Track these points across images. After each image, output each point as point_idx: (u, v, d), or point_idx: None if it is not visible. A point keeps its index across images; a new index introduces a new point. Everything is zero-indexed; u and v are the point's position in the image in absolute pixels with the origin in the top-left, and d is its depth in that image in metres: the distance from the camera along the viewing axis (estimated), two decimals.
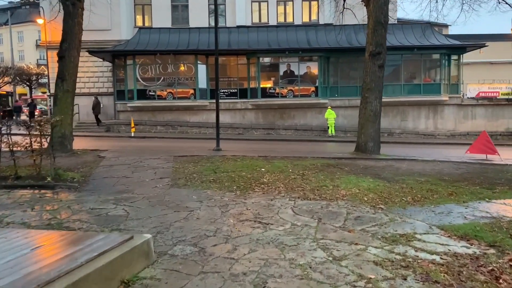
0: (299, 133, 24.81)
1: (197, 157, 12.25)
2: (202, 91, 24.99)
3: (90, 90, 28.50)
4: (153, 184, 8.90)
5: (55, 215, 6.40)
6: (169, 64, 24.92)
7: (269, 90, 25.03)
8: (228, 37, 25.80)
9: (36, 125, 8.85)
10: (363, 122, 13.68)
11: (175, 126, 24.68)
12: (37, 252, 3.83)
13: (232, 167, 10.69)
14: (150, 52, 24.41)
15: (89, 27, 28.09)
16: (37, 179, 8.86)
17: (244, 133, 24.51)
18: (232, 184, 8.72)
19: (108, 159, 11.90)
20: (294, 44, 25.36)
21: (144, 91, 24.71)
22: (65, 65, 13.21)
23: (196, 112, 25.19)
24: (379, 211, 6.39)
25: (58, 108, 13.19)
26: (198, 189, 8.36)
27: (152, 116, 25.04)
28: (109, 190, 8.36)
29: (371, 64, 13.53)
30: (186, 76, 25.13)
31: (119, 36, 27.43)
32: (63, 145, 13.07)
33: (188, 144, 17.95)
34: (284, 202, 7.04)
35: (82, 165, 11.10)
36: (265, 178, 9.28)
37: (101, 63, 28.15)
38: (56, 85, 13.41)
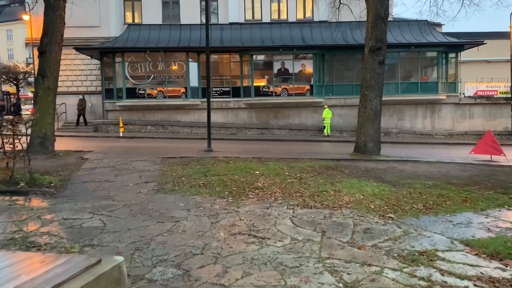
0: (294, 132, 24.10)
1: (186, 159, 11.48)
2: (193, 90, 24.18)
3: (78, 88, 27.57)
4: (137, 189, 8.12)
5: (21, 227, 5.61)
6: (159, 62, 24.08)
7: (263, 89, 24.29)
8: (220, 34, 25.03)
9: (7, 125, 8.01)
10: (363, 122, 12.98)
11: (166, 126, 23.86)
12: None
13: (224, 169, 9.94)
14: (140, 49, 23.56)
15: (76, 24, 27.25)
16: (9, 184, 8.05)
17: (237, 133, 23.75)
18: (224, 189, 7.96)
19: (91, 161, 11.08)
20: (288, 41, 24.64)
21: (134, 89, 23.85)
22: (45, 61, 12.36)
23: (188, 112, 24.39)
24: (389, 222, 5.68)
25: (38, 107, 12.35)
26: (186, 195, 7.59)
27: (142, 115, 24.20)
28: (87, 197, 7.56)
29: (371, 60, 12.83)
30: (177, 74, 24.31)
31: (108, 33, 26.53)
32: (44, 146, 12.23)
33: (178, 145, 17.15)
34: (282, 210, 6.30)
35: (62, 167, 10.27)
36: (259, 182, 8.54)
37: (89, 61, 27.24)
38: (36, 83, 12.56)
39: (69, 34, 27.22)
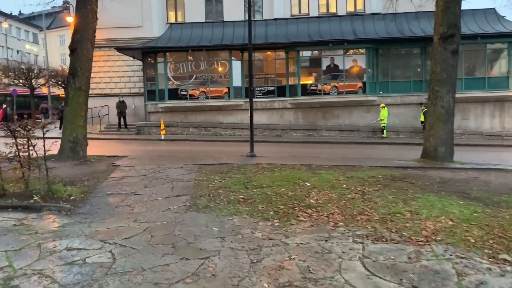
0: (345, 134, 22.21)
1: (226, 166, 10.11)
2: (236, 90, 22.93)
3: (121, 90, 27.15)
4: (166, 205, 6.82)
5: (12, 261, 4.42)
6: (201, 61, 23.04)
7: (310, 87, 22.59)
8: (265, 30, 23.62)
9: (20, 130, 6.97)
10: (432, 122, 11.04)
11: (208, 127, 22.76)
12: None
13: (268, 180, 8.46)
14: (182, 48, 22.61)
15: (119, 24, 26.90)
16: (24, 198, 7.01)
17: (282, 135, 22.22)
18: (268, 207, 6.48)
19: (122, 169, 9.99)
20: (338, 35, 22.79)
21: (176, 90, 22.96)
22: (77, 59, 11.47)
23: (230, 113, 23.16)
24: (507, 268, 3.95)
25: (69, 109, 11.48)
26: (222, 214, 6.19)
27: (184, 117, 23.25)
28: (106, 215, 6.35)
29: (442, 50, 10.88)
30: (220, 74, 23.14)
31: (151, 33, 25.82)
32: (75, 152, 11.33)
33: (219, 148, 15.90)
34: (347, 245, 4.72)
35: (89, 176, 9.22)
36: (312, 198, 6.98)
37: (132, 62, 26.73)
38: (67, 83, 11.71)
39: (111, 35, 27.01)
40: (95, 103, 25.96)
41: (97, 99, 26.37)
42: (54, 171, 9.81)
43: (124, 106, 23.40)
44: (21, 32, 56.42)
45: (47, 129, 7.55)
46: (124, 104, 23.43)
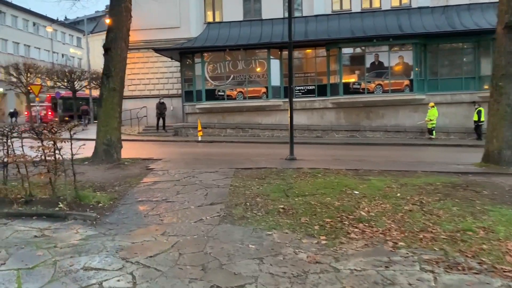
0: (390, 135, 20.95)
1: (264, 171, 9.38)
2: (275, 90, 22.19)
3: (160, 92, 27.11)
4: (198, 215, 6.17)
5: (22, 282, 3.89)
6: (239, 61, 22.47)
7: (353, 86, 21.47)
8: (305, 27, 22.71)
9: (46, 132, 6.54)
10: (496, 122, 9.81)
11: (246, 128, 22.14)
12: None
13: (311, 187, 7.66)
14: (219, 48, 22.13)
15: (157, 25, 26.84)
16: (49, 205, 6.58)
17: (323, 136, 21.25)
18: (313, 220, 5.68)
19: (155, 173, 9.48)
20: (382, 31, 21.54)
21: (213, 91, 22.52)
22: (111, 59, 11.13)
23: (269, 113, 22.44)
24: None
25: (103, 110, 11.15)
26: (260, 228, 5.46)
27: (222, 118, 22.76)
28: (133, 226, 5.78)
29: (506, 41, 9.64)
30: (258, 73, 22.48)
31: (189, 34, 25.55)
32: (109, 154, 10.98)
33: (257, 150, 15.20)
34: (413, 274, 3.85)
35: (121, 180, 8.77)
36: (362, 210, 6.12)
37: (170, 63, 26.64)
38: (101, 83, 11.40)
39: (150, 37, 27.01)
40: (134, 105, 26.10)
41: (136, 101, 26.50)
42: (86, 174, 9.49)
43: (164, 108, 23.20)
44: (65, 37, 58.33)
45: (75, 131, 7.10)
46: (164, 105, 23.23)
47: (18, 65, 27.39)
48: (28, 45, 48.97)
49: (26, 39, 49.23)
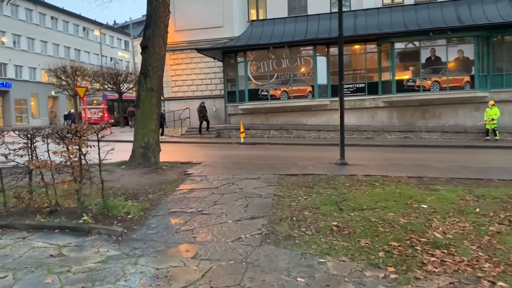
0: (448, 136, 19.17)
1: (312, 178, 8.36)
2: (321, 88, 21.02)
3: (203, 93, 26.69)
4: (237, 232, 5.29)
5: None
6: (283, 59, 21.50)
7: (407, 83, 19.88)
8: (353, 21, 21.36)
9: (70, 137, 5.90)
10: None
11: (290, 130, 21.12)
12: None
13: (368, 198, 6.57)
14: (262, 46, 21.26)
15: (200, 25, 26.39)
16: (74, 216, 5.95)
17: (374, 137, 19.82)
18: (375, 244, 4.63)
19: (193, 179, 8.72)
20: (439, 23, 19.79)
21: (256, 91, 21.69)
22: (148, 58, 10.53)
23: (315, 113, 21.30)
24: None
25: (140, 112, 10.57)
26: (309, 253, 4.49)
27: (265, 119, 21.89)
28: (161, 245, 4.98)
29: None
30: (303, 72, 21.39)
31: (231, 33, 24.90)
32: (146, 158, 10.38)
33: (303, 153, 14.17)
34: None
35: (156, 187, 8.07)
36: (436, 230, 4.98)
37: (213, 64, 26.13)
38: (138, 83, 10.83)
39: (193, 37, 26.61)
40: (177, 106, 25.83)
41: (179, 102, 26.23)
42: (121, 180, 8.91)
43: (205, 110, 22.57)
44: (114, 40, 59.85)
45: (102, 134, 6.43)
46: (205, 108, 22.59)
47: (66, 68, 27.92)
48: (78, 49, 50.58)
49: (76, 44, 50.89)
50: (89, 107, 34.93)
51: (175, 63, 27.05)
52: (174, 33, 26.88)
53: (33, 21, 45.01)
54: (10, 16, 42.05)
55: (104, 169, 10.18)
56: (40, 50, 45.09)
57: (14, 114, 42.72)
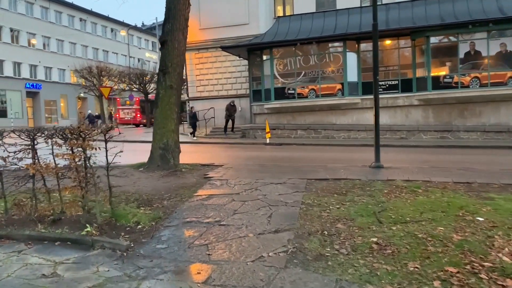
0: (489, 136, 17.80)
1: (344, 183, 7.51)
2: (351, 86, 20.00)
3: (228, 92, 26.09)
4: (258, 249, 4.53)
5: None
6: (311, 56, 20.60)
7: (444, 80, 18.60)
8: (385, 15, 20.21)
9: (72, 138, 5.28)
10: None
11: (318, 129, 20.20)
12: None
13: (412, 208, 5.67)
14: (289, 42, 20.43)
15: (225, 23, 25.78)
16: (78, 226, 5.34)
17: (408, 137, 18.66)
18: (426, 268, 3.77)
19: (213, 183, 8.02)
20: (479, 15, 18.41)
21: (283, 89, 20.88)
22: (167, 53, 9.91)
23: (344, 112, 20.30)
24: None
25: (159, 111, 9.96)
26: (345, 278, 3.68)
27: (292, 118, 21.05)
28: (169, 264, 4.27)
29: None
30: (332, 69, 20.41)
31: (257, 30, 24.14)
32: (165, 160, 9.77)
33: (333, 155, 13.28)
34: None
35: (172, 192, 7.42)
36: (501, 252, 4.07)
37: (239, 62, 25.49)
38: (157, 81, 10.22)
39: (218, 35, 26.00)
40: (202, 106, 25.31)
41: (204, 102, 25.70)
42: (138, 183, 8.32)
43: (234, 110, 21.93)
44: (141, 41, 60.21)
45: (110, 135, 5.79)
46: (235, 107, 21.97)
47: (91, 68, 27.90)
48: (107, 50, 51.04)
49: (104, 45, 51.39)
50: (122, 107, 35.87)
51: (200, 62, 26.57)
52: (199, 31, 26.44)
53: (63, 23, 45.70)
54: (40, 19, 42.78)
55: (122, 171, 9.72)
56: (69, 52, 45.70)
57: (44, 115, 43.46)
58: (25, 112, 41.18)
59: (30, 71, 41.74)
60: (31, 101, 42.69)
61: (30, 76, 41.68)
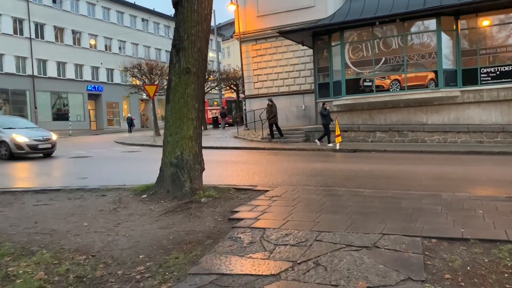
0: None
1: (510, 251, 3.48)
2: (448, 75, 15.40)
3: (290, 88, 22.46)
4: None
5: None
6: (393, 38, 16.29)
7: None
8: None
9: None
10: None
11: (404, 131, 15.82)
12: None
13: None
14: (366, 21, 16.27)
15: (286, 8, 21.89)
16: None
17: None
18: None
19: (238, 237, 4.38)
20: None
21: (356, 81, 16.80)
22: (182, 20, 6.48)
23: (438, 108, 15.72)
24: None
25: (171, 108, 6.55)
26: None
27: (368, 117, 16.85)
28: None
29: None
30: (422, 53, 15.89)
31: (325, 13, 20.13)
32: (177, 182, 6.32)
33: (435, 169, 9.05)
34: None
35: (159, 258, 3.93)
36: None
37: (302, 52, 21.73)
38: (169, 63, 6.80)
39: (278, 22, 22.13)
40: (259, 105, 21.86)
41: (262, 100, 22.21)
42: (121, 226, 5.05)
43: (275, 109, 18.08)
44: None
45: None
46: (275, 106, 18.19)
47: (141, 66, 25.65)
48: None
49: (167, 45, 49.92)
50: (210, 108, 36.32)
51: (257, 54, 23.18)
52: (256, 19, 23.06)
53: (125, 24, 44.83)
54: (102, 20, 42.11)
55: (116, 197, 6.49)
56: (131, 53, 44.64)
57: (106, 118, 42.78)
58: (87, 115, 40.65)
59: (91, 73, 41.18)
60: (93, 104, 42.17)
61: (92, 78, 41.13)
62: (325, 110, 15.57)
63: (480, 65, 15.04)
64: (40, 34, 36.35)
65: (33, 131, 14.68)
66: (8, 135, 13.72)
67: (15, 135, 13.70)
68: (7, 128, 14.13)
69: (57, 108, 38.17)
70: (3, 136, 13.76)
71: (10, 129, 14.06)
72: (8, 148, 13.62)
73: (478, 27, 15.30)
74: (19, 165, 12.69)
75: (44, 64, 36.60)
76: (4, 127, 14.12)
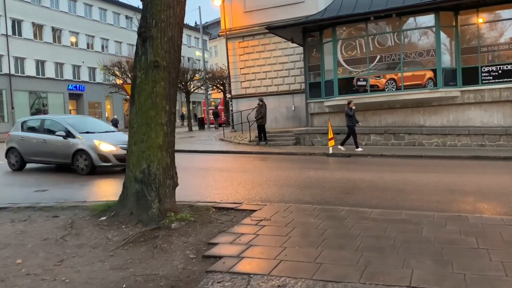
0: None
1: None
2: (447, 74, 14.45)
3: (279, 88, 21.30)
4: None
5: None
6: (389, 34, 15.28)
7: None
8: None
9: None
10: None
11: (400, 134, 14.80)
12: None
13: None
14: (359, 16, 15.20)
15: (275, 3, 20.89)
16: None
17: None
18: None
19: (217, 283, 3.22)
20: None
21: (350, 80, 15.77)
22: (150, 2, 5.31)
23: (437, 110, 14.76)
24: None
25: (136, 111, 5.36)
26: None
27: (363, 118, 15.74)
28: None
29: None
30: (419, 50, 14.90)
31: (316, 9, 19.00)
32: (143, 203, 5.13)
33: (443, 178, 7.99)
34: None
35: None
36: None
37: (291, 50, 20.61)
38: (135, 54, 5.61)
39: (265, 18, 20.94)
40: (247, 105, 20.69)
41: (250, 100, 21.05)
42: (63, 266, 3.79)
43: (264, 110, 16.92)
44: (191, 40, 57.16)
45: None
46: (265, 106, 17.04)
47: (121, 63, 24.27)
48: None
49: None
50: (209, 108, 35.41)
51: (245, 52, 21.99)
52: (243, 15, 21.88)
53: (107, 21, 43.29)
54: (83, 17, 40.52)
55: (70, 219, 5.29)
56: (114, 51, 43.07)
57: None
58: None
59: (73, 72, 39.55)
60: (75, 104, 40.53)
61: (73, 77, 39.49)
62: (350, 110, 13.81)
63: (481, 63, 14.13)
64: (18, 30, 34.65)
65: (116, 136, 11.11)
66: (87, 142, 10.19)
67: (97, 142, 10.12)
68: (84, 132, 10.59)
69: (36, 108, 36.43)
70: (81, 143, 10.20)
71: (87, 133, 10.58)
72: (89, 159, 10.04)
73: (479, 23, 14.37)
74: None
75: (22, 62, 34.92)
76: (79, 131, 10.55)
